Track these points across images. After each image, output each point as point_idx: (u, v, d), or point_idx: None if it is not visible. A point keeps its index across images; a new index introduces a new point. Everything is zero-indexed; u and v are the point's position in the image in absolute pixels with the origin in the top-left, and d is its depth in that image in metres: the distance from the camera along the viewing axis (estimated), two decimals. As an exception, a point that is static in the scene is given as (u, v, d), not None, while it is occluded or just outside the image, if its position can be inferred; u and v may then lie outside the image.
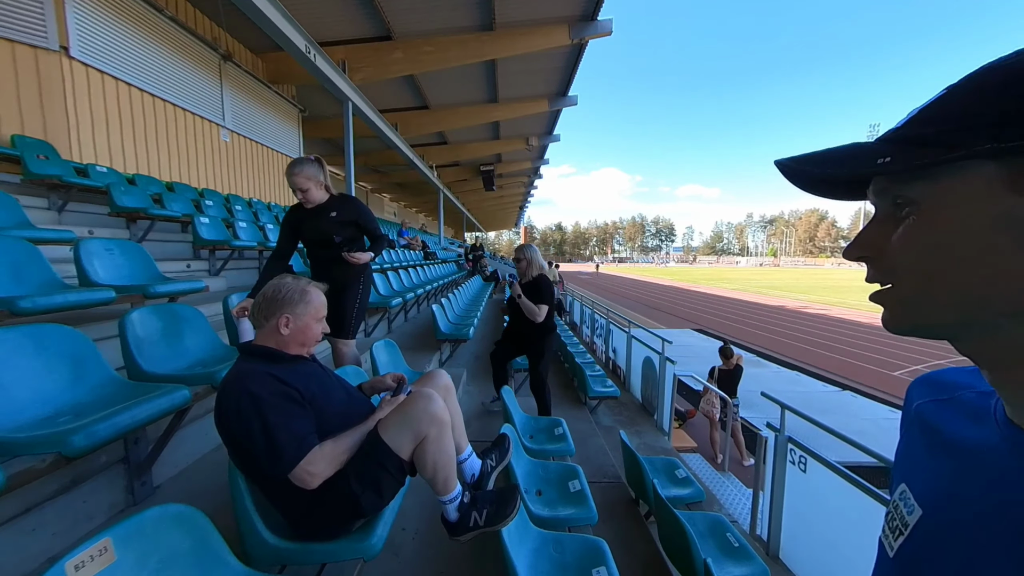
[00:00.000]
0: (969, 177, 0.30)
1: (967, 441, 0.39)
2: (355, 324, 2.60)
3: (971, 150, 0.29)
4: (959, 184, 0.30)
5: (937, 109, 0.31)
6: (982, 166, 0.29)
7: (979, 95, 0.29)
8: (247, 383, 1.15)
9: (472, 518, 1.37)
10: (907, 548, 0.40)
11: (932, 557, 0.38)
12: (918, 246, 0.32)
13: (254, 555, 1.20)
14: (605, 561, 1.62)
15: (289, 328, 1.35)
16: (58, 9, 5.04)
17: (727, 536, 2.21)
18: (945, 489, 0.39)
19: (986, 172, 0.29)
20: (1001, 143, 0.28)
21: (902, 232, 0.33)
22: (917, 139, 0.31)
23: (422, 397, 1.31)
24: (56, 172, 4.12)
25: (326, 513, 1.20)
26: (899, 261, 0.34)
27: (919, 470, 0.43)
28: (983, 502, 0.35)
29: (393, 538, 1.98)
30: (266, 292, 1.33)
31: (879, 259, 0.35)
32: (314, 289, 1.41)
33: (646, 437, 4.75)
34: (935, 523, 0.39)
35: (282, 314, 1.34)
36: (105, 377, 1.59)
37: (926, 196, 0.32)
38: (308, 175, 2.38)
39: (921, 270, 0.32)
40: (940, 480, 0.40)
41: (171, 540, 0.98)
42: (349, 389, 1.48)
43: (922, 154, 0.30)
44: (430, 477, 1.30)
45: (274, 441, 1.11)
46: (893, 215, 0.34)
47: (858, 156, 0.33)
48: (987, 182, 0.29)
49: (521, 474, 2.25)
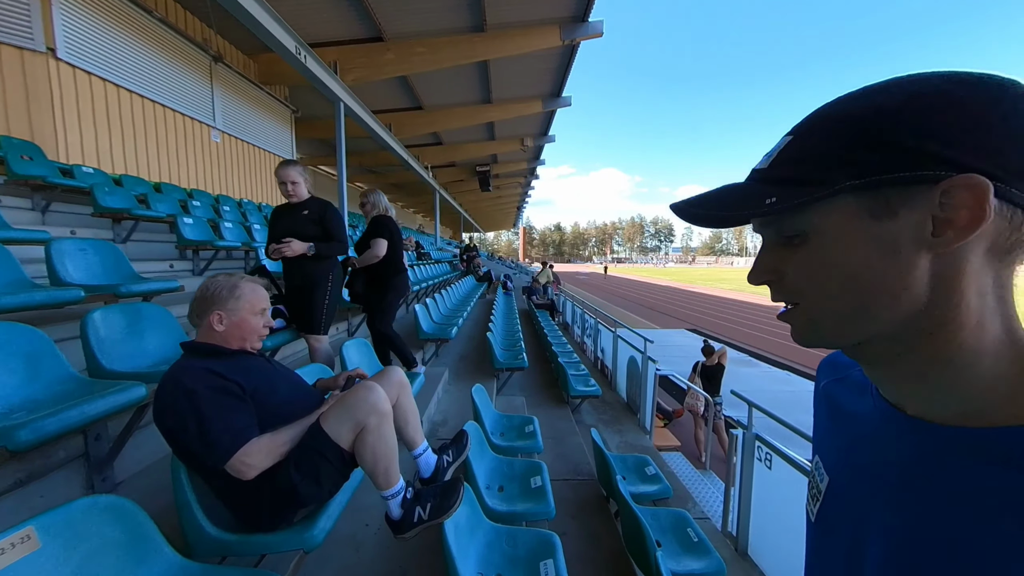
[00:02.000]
0: (839, 208, 0.35)
1: (856, 413, 0.45)
2: (325, 320, 2.66)
3: (834, 188, 0.34)
4: (833, 214, 0.35)
5: (795, 151, 0.37)
6: (846, 199, 0.34)
7: (830, 141, 0.35)
8: (182, 378, 1.19)
9: (416, 513, 1.40)
10: (822, 512, 0.46)
11: (839, 516, 0.44)
12: (813, 269, 0.37)
13: (195, 546, 1.23)
14: (554, 554, 1.65)
15: (224, 324, 1.37)
16: (44, 11, 5.08)
17: (688, 531, 2.24)
18: (844, 455, 0.45)
19: (849, 203, 0.34)
20: (852, 180, 0.33)
21: (798, 258, 0.38)
22: (789, 180, 0.36)
23: (363, 388, 1.34)
24: (40, 173, 4.15)
25: (265, 502, 1.23)
26: (800, 284, 0.38)
27: (826, 441, 0.49)
28: (867, 462, 0.41)
29: (355, 534, 2.01)
30: (198, 291, 1.37)
31: (780, 282, 0.40)
32: (247, 283, 1.42)
33: (628, 436, 4.78)
34: (839, 485, 0.45)
35: (214, 311, 1.36)
36: (63, 374, 1.62)
37: (809, 226, 0.36)
38: (299, 171, 2.63)
39: (820, 290, 0.37)
40: (840, 448, 0.46)
41: (101, 530, 1.01)
42: (298, 384, 1.51)
43: (799, 193, 0.35)
44: (370, 468, 1.33)
45: (208, 433, 1.14)
46: (782, 243, 0.39)
47: (748, 198, 0.38)
48: (851, 211, 0.34)
49: (485, 471, 2.28)
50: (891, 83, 0.34)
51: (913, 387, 0.37)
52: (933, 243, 0.32)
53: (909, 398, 0.38)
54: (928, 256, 0.33)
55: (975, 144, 0.31)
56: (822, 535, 0.46)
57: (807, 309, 0.38)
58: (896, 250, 0.33)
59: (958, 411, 0.34)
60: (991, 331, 0.33)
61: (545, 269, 14.52)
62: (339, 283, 2.79)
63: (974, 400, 0.33)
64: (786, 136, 0.38)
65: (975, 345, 0.33)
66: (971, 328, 0.33)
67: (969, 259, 0.32)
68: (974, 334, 0.33)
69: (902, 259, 0.33)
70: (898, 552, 0.36)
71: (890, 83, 0.34)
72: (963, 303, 0.33)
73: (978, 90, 0.31)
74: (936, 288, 0.33)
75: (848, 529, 0.42)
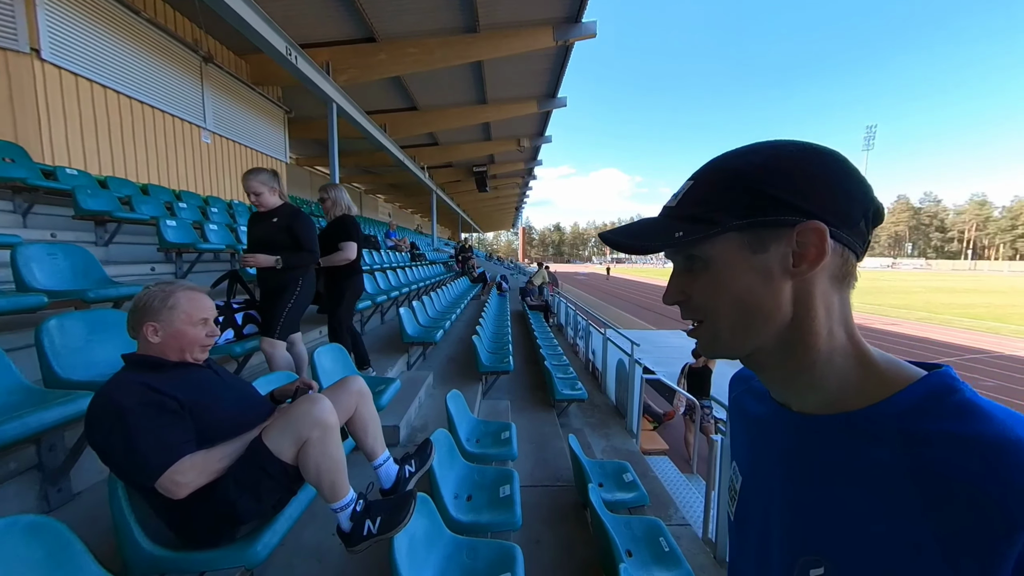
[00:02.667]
0: (730, 242, 0.43)
1: (758, 416, 0.52)
2: (283, 324, 2.60)
3: (725, 226, 0.42)
4: (727, 247, 0.43)
5: (696, 195, 0.45)
6: (733, 236, 0.43)
7: (718, 188, 0.44)
8: (114, 393, 1.16)
9: (366, 527, 1.37)
10: (739, 510, 0.54)
11: (749, 510, 0.52)
12: (711, 292, 0.45)
13: (131, 563, 1.20)
14: (514, 566, 1.62)
15: (159, 336, 1.31)
16: (28, 12, 5.05)
17: (660, 540, 2.21)
18: (751, 455, 0.53)
19: (734, 239, 0.43)
20: (737, 220, 0.42)
21: (700, 283, 0.45)
22: (692, 218, 0.44)
23: (306, 400, 1.31)
24: (21, 175, 4.12)
25: (203, 518, 1.20)
26: (702, 304, 0.46)
27: (739, 446, 0.57)
28: (766, 457, 0.50)
29: (321, 543, 1.97)
30: (132, 302, 1.33)
31: (688, 303, 0.47)
32: (184, 292, 1.36)
33: (614, 440, 4.75)
34: (749, 482, 0.53)
35: (147, 323, 1.30)
36: (12, 384, 1.59)
37: (708, 256, 0.44)
38: (262, 180, 2.59)
39: (717, 309, 0.45)
40: (748, 449, 0.54)
41: (20, 551, 0.98)
42: (246, 395, 1.48)
43: (698, 229, 0.43)
44: (314, 482, 1.30)
45: (136, 451, 1.11)
46: (687, 269, 0.46)
47: (660, 232, 0.45)
48: (738, 246, 0.43)
49: (454, 479, 2.25)
50: (761, 146, 0.44)
51: (791, 387, 0.46)
52: (793, 272, 0.41)
53: (791, 397, 0.47)
54: (790, 282, 0.42)
55: (816, 198, 0.40)
56: (739, 530, 0.54)
57: (709, 326, 0.46)
58: (770, 277, 0.42)
59: (824, 402, 0.43)
60: (838, 338, 0.42)
61: (541, 270, 14.47)
62: (308, 291, 2.74)
63: (834, 392, 0.42)
64: (688, 181, 0.47)
65: (828, 350, 0.42)
66: (824, 336, 0.42)
67: (817, 284, 0.42)
68: (827, 342, 0.42)
69: (774, 285, 0.42)
70: (792, 524, 0.44)
71: (761, 146, 0.44)
72: (817, 318, 0.42)
73: (816, 156, 0.42)
74: (797, 307, 0.42)
75: (758, 519, 0.49)
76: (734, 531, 0.55)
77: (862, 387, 0.41)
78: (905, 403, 0.38)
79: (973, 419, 0.35)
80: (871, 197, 0.42)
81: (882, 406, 0.39)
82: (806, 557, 0.42)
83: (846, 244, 0.41)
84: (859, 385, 0.41)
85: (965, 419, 0.35)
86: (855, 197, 0.41)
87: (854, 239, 0.41)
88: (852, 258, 0.42)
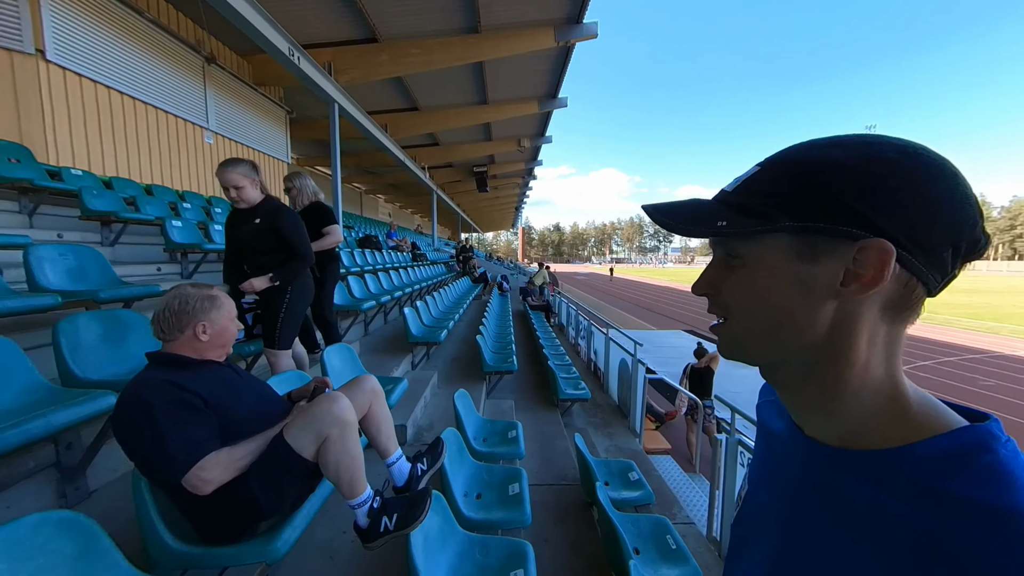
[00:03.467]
0: (776, 244, 0.38)
1: (775, 432, 0.51)
2: (282, 334, 2.45)
3: (776, 225, 0.38)
4: (770, 248, 0.39)
5: (756, 184, 0.40)
6: (783, 237, 0.38)
7: (783, 180, 0.38)
8: (141, 391, 1.18)
9: (383, 523, 1.40)
10: (736, 519, 0.55)
11: (746, 523, 0.52)
12: (743, 292, 0.41)
13: (156, 559, 1.23)
14: (525, 563, 1.64)
15: (208, 334, 1.40)
16: (33, 12, 5.06)
17: (667, 538, 2.24)
18: (761, 468, 0.52)
19: (785, 242, 0.38)
20: (794, 222, 0.37)
21: (733, 279, 0.42)
22: (743, 208, 0.40)
23: (326, 399, 1.34)
24: (27, 175, 4.13)
25: (226, 515, 1.22)
26: (730, 302, 0.42)
27: (755, 455, 0.56)
28: (773, 475, 0.48)
29: (332, 541, 2.00)
30: (171, 305, 1.36)
31: (716, 297, 0.43)
32: (220, 292, 1.46)
33: (617, 440, 4.78)
34: (753, 493, 0.52)
35: (197, 323, 1.37)
36: (31, 383, 1.61)
37: (749, 253, 0.40)
38: (243, 172, 2.30)
39: (745, 311, 0.41)
40: (759, 461, 0.53)
41: (52, 546, 1.00)
42: (265, 394, 1.51)
43: (745, 222, 0.39)
44: (334, 478, 1.33)
45: (164, 447, 1.14)
46: (725, 262, 0.43)
47: (704, 217, 0.42)
48: (785, 250, 0.38)
49: (464, 477, 2.28)
50: (852, 139, 0.37)
51: (810, 411, 0.42)
52: (840, 292, 0.36)
53: (807, 421, 0.43)
54: (834, 303, 0.37)
55: (897, 214, 0.34)
56: (735, 538, 0.54)
57: (732, 325, 0.43)
58: (811, 292, 0.38)
59: (840, 435, 0.39)
60: (875, 374, 0.38)
61: (541, 270, 14.51)
62: (301, 295, 2.55)
63: (854, 427, 0.39)
64: (755, 166, 0.41)
65: (859, 383, 0.38)
66: (858, 368, 0.38)
67: (865, 311, 0.37)
68: (859, 374, 0.38)
69: (813, 300, 0.38)
70: (782, 550, 0.42)
71: (851, 139, 0.37)
72: (855, 347, 0.37)
73: (918, 166, 0.35)
74: (835, 330, 0.38)
75: (753, 533, 0.48)
76: (731, 537, 0.55)
77: (885, 428, 0.37)
78: (926, 454, 0.34)
79: (999, 486, 0.31)
80: (970, 226, 0.35)
81: (900, 452, 0.35)
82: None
83: (915, 273, 0.35)
84: (883, 425, 0.37)
85: (990, 486, 0.31)
86: (946, 222, 0.34)
87: (929, 269, 0.35)
88: (920, 290, 0.36)
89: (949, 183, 0.35)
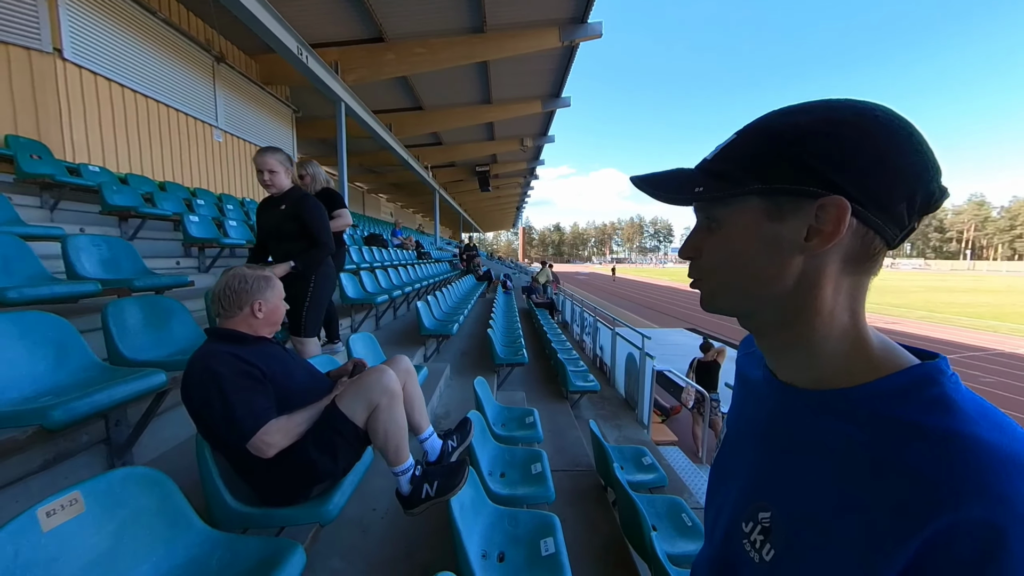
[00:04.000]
0: (747, 206, 0.42)
1: (753, 379, 0.55)
2: (308, 321, 2.53)
3: (746, 188, 0.41)
4: (742, 211, 0.42)
5: (731, 151, 0.43)
6: (753, 199, 0.41)
7: (753, 146, 0.42)
8: (210, 362, 1.27)
9: (424, 490, 1.49)
10: (716, 458, 0.59)
11: (726, 461, 0.56)
12: (720, 252, 0.45)
13: (218, 518, 1.32)
14: (553, 533, 1.73)
15: (263, 312, 1.51)
16: (51, 12, 5.15)
17: (682, 516, 2.33)
18: (739, 412, 0.57)
19: (755, 204, 0.41)
20: (761, 185, 0.40)
21: (711, 241, 0.46)
22: (719, 174, 0.43)
23: (376, 370, 1.44)
24: (48, 171, 4.22)
25: (285, 477, 1.32)
26: (708, 263, 0.46)
27: (734, 403, 0.61)
28: (750, 416, 0.53)
29: (363, 516, 2.09)
30: (231, 284, 1.46)
31: (698, 260, 0.48)
32: (272, 273, 1.57)
33: (626, 431, 4.87)
34: (731, 435, 0.57)
35: (255, 301, 1.48)
36: (87, 362, 1.70)
37: (724, 217, 0.44)
38: (280, 159, 2.44)
39: (720, 268, 0.45)
40: (738, 408, 0.58)
41: (138, 499, 1.09)
42: (311, 371, 1.60)
43: (719, 187, 0.42)
44: (382, 445, 1.42)
45: (232, 414, 1.23)
46: (705, 226, 0.46)
47: (684, 185, 0.45)
48: (755, 211, 0.42)
49: (487, 458, 2.37)
50: (817, 104, 0.40)
51: (782, 357, 0.47)
52: (804, 247, 0.40)
53: (780, 365, 0.48)
54: (800, 257, 0.41)
55: (852, 172, 0.38)
56: (715, 478, 0.58)
57: (708, 281, 0.47)
58: (779, 248, 0.41)
59: (811, 376, 0.44)
60: (840, 321, 0.42)
61: (544, 268, 14.61)
62: (326, 284, 2.63)
63: (821, 369, 0.43)
64: (734, 134, 0.45)
65: (826, 329, 0.42)
66: (824, 316, 0.42)
67: (828, 264, 0.40)
68: (826, 321, 0.42)
69: (782, 256, 0.41)
70: (755, 477, 0.47)
71: (817, 104, 0.41)
72: (820, 296, 0.41)
73: (872, 126, 0.38)
74: (801, 282, 0.41)
75: (730, 470, 0.53)
76: (712, 477, 0.59)
77: (850, 369, 0.41)
78: (884, 389, 0.39)
79: (942, 413, 0.36)
80: (924, 180, 0.38)
81: (862, 389, 0.40)
82: (757, 503, 0.45)
83: (872, 227, 0.39)
84: (847, 367, 0.41)
85: (935, 412, 0.36)
86: (901, 177, 0.37)
87: (885, 223, 0.38)
88: (878, 242, 0.40)
89: (901, 140, 0.37)
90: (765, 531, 0.43)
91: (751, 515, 0.45)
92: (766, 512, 0.44)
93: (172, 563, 1.08)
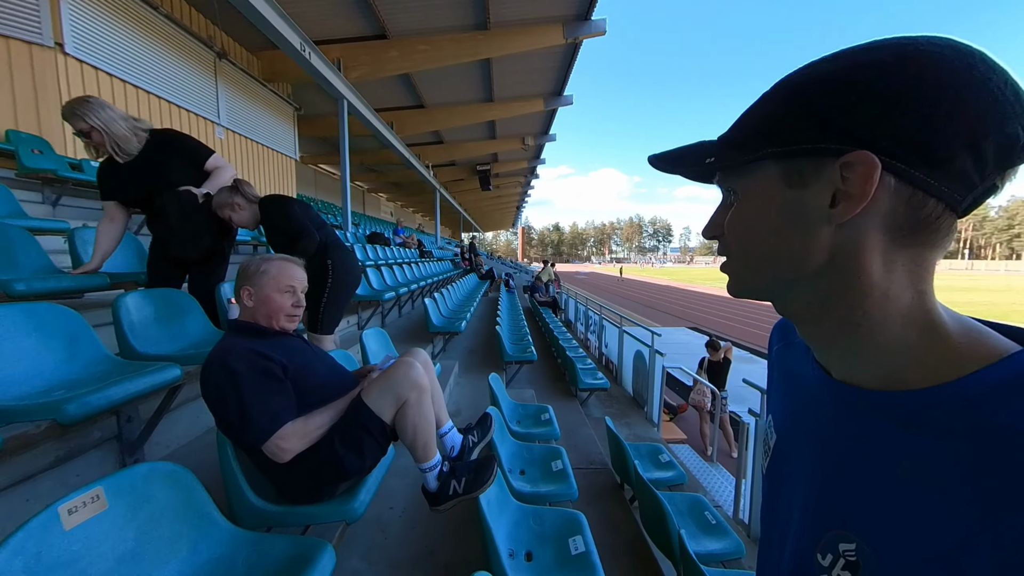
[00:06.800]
0: (763, 173, 0.37)
1: (799, 376, 0.47)
2: (325, 318, 2.50)
3: (760, 153, 0.36)
4: (759, 179, 0.37)
5: (749, 116, 0.38)
6: (769, 165, 0.36)
7: (771, 106, 0.36)
8: (227, 357, 1.22)
9: (451, 486, 1.43)
10: (771, 466, 0.50)
11: (781, 466, 0.48)
12: (738, 226, 0.40)
13: (241, 516, 1.26)
14: (581, 531, 1.68)
15: (252, 300, 1.41)
16: (53, 6, 5.07)
17: (705, 514, 2.28)
18: (789, 415, 0.48)
19: (772, 170, 0.36)
20: (776, 148, 0.35)
21: (729, 216, 0.40)
22: (732, 142, 0.39)
23: (403, 364, 1.38)
24: (50, 166, 4.16)
25: (311, 475, 1.26)
26: (730, 240, 0.41)
27: (776, 402, 0.52)
28: (804, 421, 0.44)
29: (381, 516, 2.04)
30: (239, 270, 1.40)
31: (723, 237, 0.42)
32: (278, 261, 1.45)
33: (636, 428, 4.83)
34: (784, 442, 0.48)
35: (243, 287, 1.41)
36: (99, 355, 1.64)
37: (741, 187, 0.39)
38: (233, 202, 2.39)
39: (740, 245, 0.40)
40: (786, 408, 0.49)
41: (161, 495, 1.04)
42: (335, 367, 1.54)
43: (732, 155, 0.38)
44: (410, 441, 1.36)
45: (248, 415, 1.18)
46: (729, 200, 0.41)
47: (697, 157, 0.41)
48: (773, 178, 0.36)
49: (506, 455, 2.32)
50: (849, 50, 0.33)
51: (832, 349, 0.39)
52: (830, 215, 0.33)
53: (832, 361, 0.40)
54: (830, 228, 0.34)
55: (883, 121, 0.30)
56: (771, 487, 0.50)
57: (731, 263, 0.41)
58: (803, 218, 0.35)
59: (873, 375, 0.36)
60: (900, 302, 0.34)
61: (547, 267, 14.56)
62: (344, 280, 2.59)
63: (885, 364, 0.35)
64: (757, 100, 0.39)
65: (880, 313, 0.34)
66: (876, 297, 0.34)
67: (867, 235, 0.33)
68: (879, 303, 0.34)
69: (807, 227, 0.35)
70: (825, 502, 0.39)
71: (849, 50, 0.33)
72: (865, 273, 0.34)
73: (914, 63, 0.30)
74: (837, 257, 0.34)
75: (788, 481, 0.45)
76: (766, 486, 0.51)
77: (925, 361, 0.33)
78: (978, 389, 0.30)
79: None
80: (994, 120, 0.29)
81: (948, 389, 0.31)
82: (834, 530, 0.37)
83: (918, 186, 0.31)
84: (922, 359, 0.33)
85: None
86: (954, 119, 0.29)
87: (940, 180, 0.30)
88: (934, 206, 0.31)
89: (955, 72, 0.29)
90: (852, 566, 0.35)
91: (830, 545, 0.37)
92: (849, 544, 0.36)
93: (198, 562, 1.02)
